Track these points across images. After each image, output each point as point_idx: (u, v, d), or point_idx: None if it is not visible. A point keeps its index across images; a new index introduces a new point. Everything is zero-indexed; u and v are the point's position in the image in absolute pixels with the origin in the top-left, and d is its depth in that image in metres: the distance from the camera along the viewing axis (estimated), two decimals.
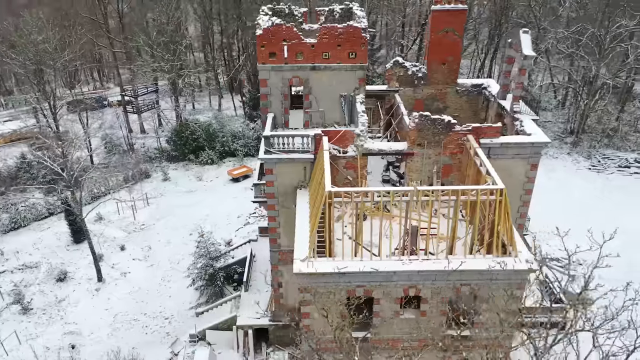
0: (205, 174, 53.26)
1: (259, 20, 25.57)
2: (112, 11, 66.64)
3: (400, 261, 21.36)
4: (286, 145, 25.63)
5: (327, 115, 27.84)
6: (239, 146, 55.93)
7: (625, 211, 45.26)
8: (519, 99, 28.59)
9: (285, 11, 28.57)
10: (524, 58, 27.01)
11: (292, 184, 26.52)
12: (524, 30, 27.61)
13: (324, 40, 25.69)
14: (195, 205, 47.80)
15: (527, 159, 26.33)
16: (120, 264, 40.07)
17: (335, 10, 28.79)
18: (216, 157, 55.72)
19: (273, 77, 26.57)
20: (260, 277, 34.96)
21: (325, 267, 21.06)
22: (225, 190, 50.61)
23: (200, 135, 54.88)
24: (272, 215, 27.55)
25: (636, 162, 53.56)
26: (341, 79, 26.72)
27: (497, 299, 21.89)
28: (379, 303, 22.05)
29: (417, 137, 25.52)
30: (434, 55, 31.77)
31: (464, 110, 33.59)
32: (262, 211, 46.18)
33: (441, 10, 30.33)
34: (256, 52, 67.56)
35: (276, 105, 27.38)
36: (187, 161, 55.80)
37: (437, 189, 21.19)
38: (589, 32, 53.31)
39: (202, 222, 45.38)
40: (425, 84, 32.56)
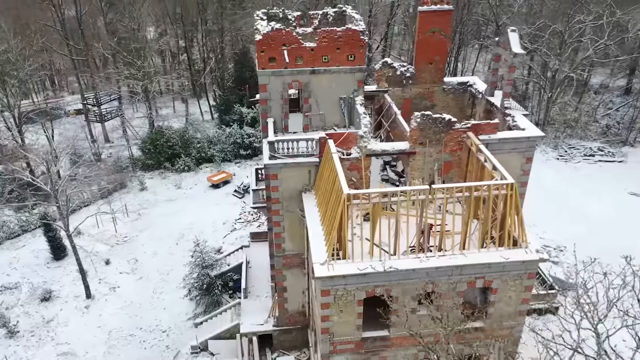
0: (183, 182, 52.29)
1: (257, 26, 25.43)
2: (70, 18, 64.39)
3: (418, 259, 21.83)
4: (291, 150, 25.64)
5: (327, 118, 27.99)
6: (215, 152, 55.21)
7: (593, 198, 47.67)
8: (509, 95, 29.66)
9: (279, 15, 28.53)
10: (514, 56, 28.04)
11: (297, 188, 26.55)
12: (511, 29, 28.64)
13: (324, 44, 25.83)
14: (178, 213, 46.90)
15: (523, 152, 27.36)
16: (108, 279, 38.84)
17: (329, 13, 28.99)
18: (193, 164, 54.79)
19: (273, 82, 26.49)
20: (258, 283, 34.76)
21: (346, 269, 21.25)
22: (206, 197, 49.87)
23: (176, 142, 53.81)
24: (277, 220, 27.47)
25: (599, 150, 56.42)
26: (340, 81, 26.93)
27: (509, 289, 22.80)
28: (397, 301, 22.41)
29: (419, 136, 26.05)
30: (422, 55, 32.48)
31: (450, 108, 34.46)
32: (247, 216, 45.92)
33: (428, 11, 31.06)
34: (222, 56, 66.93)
35: (276, 110, 27.31)
36: (163, 169, 54.59)
37: (451, 187, 21.75)
38: (550, 28, 55.73)
39: (187, 230, 44.62)
40: (413, 84, 33.24)
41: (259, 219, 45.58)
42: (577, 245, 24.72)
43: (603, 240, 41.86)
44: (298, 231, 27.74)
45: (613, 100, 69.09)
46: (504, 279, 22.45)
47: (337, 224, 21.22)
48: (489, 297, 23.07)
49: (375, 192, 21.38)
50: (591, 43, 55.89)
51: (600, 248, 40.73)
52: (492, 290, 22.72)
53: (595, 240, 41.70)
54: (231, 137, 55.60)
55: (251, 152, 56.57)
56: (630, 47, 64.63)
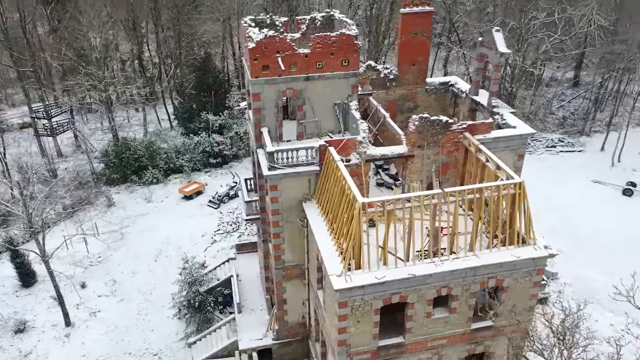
0: (153, 195, 50.24)
1: (249, 33, 24.59)
2: (14, 25, 60.48)
3: (433, 263, 21.78)
4: (290, 160, 24.99)
5: (321, 124, 27.50)
6: (184, 162, 53.42)
7: (560, 188, 49.61)
8: (496, 94, 30.19)
9: (266, 21, 27.78)
10: (500, 55, 28.54)
11: (297, 197, 25.94)
12: (496, 29, 29.13)
13: (318, 50, 25.33)
14: (152, 229, 45.00)
15: (515, 150, 27.92)
16: (86, 303, 36.68)
17: (317, 18, 28.49)
18: (161, 175, 52.78)
19: (267, 91, 25.73)
20: (251, 297, 33.84)
21: (364, 279, 20.91)
22: (179, 209, 48.14)
23: (143, 153, 51.66)
24: (277, 232, 26.72)
25: (560, 141, 58.76)
26: (335, 87, 26.52)
27: (519, 286, 23.15)
28: (413, 307, 22.27)
29: (417, 139, 26.04)
30: (404, 57, 32.55)
31: (432, 108, 34.76)
32: (226, 227, 44.71)
33: (410, 13, 31.10)
34: (180, 62, 64.80)
35: (270, 119, 26.54)
36: (129, 183, 52.27)
37: (463, 189, 21.81)
38: (509, 25, 57.47)
39: (164, 246, 42.93)
40: (397, 85, 33.27)
41: (239, 229, 44.47)
42: (552, 233, 25.11)
43: (575, 227, 43.70)
44: (298, 242, 27.13)
45: (565, 92, 72.23)
46: (514, 277, 22.79)
47: (353, 234, 20.81)
48: (500, 295, 23.33)
49: (390, 199, 21.12)
50: (547, 38, 58.07)
51: (573, 234, 42.80)
52: (503, 288, 22.98)
53: (568, 228, 43.53)
54: (200, 145, 53.96)
55: (221, 160, 55.15)
56: (579, 41, 67.73)
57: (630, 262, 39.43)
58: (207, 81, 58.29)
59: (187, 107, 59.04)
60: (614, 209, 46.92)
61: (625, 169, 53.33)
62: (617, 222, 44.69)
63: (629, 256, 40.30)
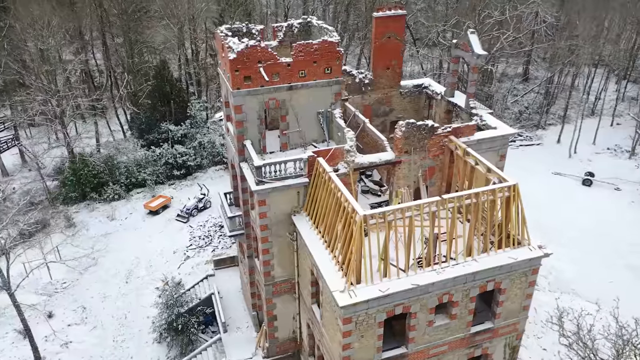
0: (116, 212, 47.84)
1: (229, 44, 23.55)
2: None
3: (434, 271, 21.55)
4: (278, 173, 24.13)
5: (305, 134, 26.79)
6: (147, 175, 51.20)
7: (524, 182, 50.68)
8: (473, 96, 30.44)
9: (242, 30, 26.76)
10: (477, 57, 28.78)
11: (286, 211, 25.12)
12: (470, 30, 29.35)
13: (300, 58, 24.61)
14: (119, 248, 42.80)
15: (497, 150, 28.21)
16: (56, 334, 34.30)
17: (294, 25, 27.71)
18: (123, 191, 50.36)
19: (249, 102, 24.76)
20: (235, 314, 32.71)
21: (368, 293, 20.40)
22: (146, 226, 46.06)
23: (102, 169, 49.12)
24: (266, 247, 25.78)
25: (519, 135, 60.50)
26: (318, 95, 25.90)
27: (515, 287, 23.32)
28: (415, 316, 21.97)
29: (404, 145, 25.79)
30: (379, 61, 32.39)
31: (407, 111, 34.79)
32: (199, 242, 43.16)
33: (383, 17, 30.96)
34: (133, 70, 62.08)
35: (252, 131, 25.58)
36: (89, 200, 49.52)
37: (461, 195, 21.67)
38: (466, 24, 58.57)
39: (134, 266, 40.90)
40: (372, 90, 33.04)
41: (211, 243, 43.01)
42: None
43: (541, 219, 44.81)
44: (287, 256, 26.32)
45: (517, 87, 74.54)
46: (511, 278, 22.90)
47: (354, 248, 20.24)
48: (498, 297, 23.42)
49: (390, 210, 20.69)
50: (502, 36, 59.63)
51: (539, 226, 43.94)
52: (501, 290, 23.07)
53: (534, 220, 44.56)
54: (162, 157, 51.89)
55: (185, 172, 53.27)
56: (529, 37, 70.10)
57: (597, 251, 41.15)
58: (164, 90, 56.12)
59: (144, 118, 56.63)
60: (576, 199, 48.65)
61: (582, 160, 55.53)
62: (579, 212, 46.34)
63: (595, 245, 41.91)
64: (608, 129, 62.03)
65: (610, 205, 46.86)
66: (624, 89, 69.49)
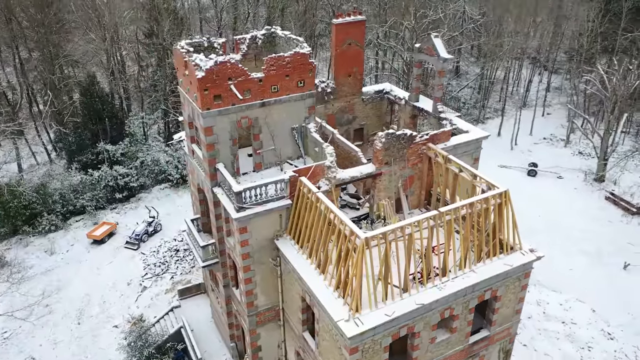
0: (55, 245, 43.48)
1: (196, 61, 21.51)
2: None
3: (435, 287, 20.85)
4: (259, 196, 22.43)
5: (278, 151, 25.24)
6: (85, 201, 47.08)
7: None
8: (440, 100, 30.19)
9: (204, 44, 24.70)
10: (443, 61, 28.50)
11: (268, 236, 23.48)
12: (434, 34, 29.04)
13: (272, 72, 23.03)
14: (65, 286, 38.85)
15: (472, 154, 28.13)
16: None
17: (258, 36, 25.98)
18: (60, 221, 45.94)
19: (220, 123, 22.83)
20: (210, 347, 30.52)
21: (375, 319, 19.31)
22: (92, 257, 42.21)
23: (35, 199, 44.53)
24: (248, 277, 23.97)
25: None
26: (291, 110, 24.44)
27: (509, 292, 23.16)
28: (418, 336, 21.16)
29: (385, 156, 24.95)
30: (340, 69, 31.48)
31: (369, 118, 34.15)
32: (155, 269, 40.20)
33: (343, 24, 30.06)
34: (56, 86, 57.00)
35: (225, 153, 23.65)
36: (21, 234, 44.73)
37: (457, 207, 21.07)
38: (404, 25, 59.13)
39: (84, 304, 37.22)
40: (335, 98, 32.07)
41: (168, 270, 40.14)
42: None
43: None
44: (271, 282, 24.67)
45: (450, 83, 76.48)
46: (506, 285, 22.69)
47: (356, 273, 19.06)
48: (494, 305, 23.15)
49: (389, 230, 19.68)
50: (439, 34, 60.59)
51: None
52: (497, 298, 22.80)
53: None
54: (101, 180, 47.95)
55: (128, 194, 49.59)
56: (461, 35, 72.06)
57: (552, 241, 42.51)
58: (94, 106, 51.96)
59: (74, 138, 52.13)
60: (524, 190, 50.08)
61: (523, 151, 57.71)
62: (529, 203, 47.64)
63: (548, 235, 43.27)
64: (540, 119, 64.95)
65: (557, 194, 48.85)
66: (548, 80, 73.22)
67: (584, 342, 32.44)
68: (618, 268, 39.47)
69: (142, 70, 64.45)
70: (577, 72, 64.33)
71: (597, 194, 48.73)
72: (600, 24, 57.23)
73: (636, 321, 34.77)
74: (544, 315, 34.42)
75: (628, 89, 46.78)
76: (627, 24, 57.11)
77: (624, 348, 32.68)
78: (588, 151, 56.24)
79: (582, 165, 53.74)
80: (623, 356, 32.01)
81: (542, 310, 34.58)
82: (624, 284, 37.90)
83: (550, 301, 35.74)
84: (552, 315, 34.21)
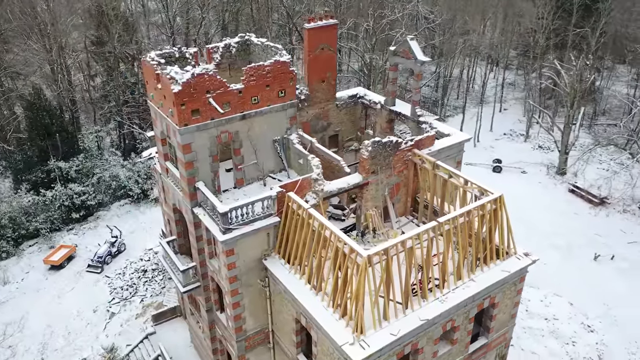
0: (8, 273, 40.12)
1: (171, 74, 19.86)
2: None
3: (437, 300, 20.15)
4: (246, 216, 21.03)
5: (260, 165, 23.89)
6: (39, 223, 43.83)
7: None
8: (418, 103, 29.62)
9: (175, 55, 23.00)
10: (421, 64, 27.91)
11: (256, 256, 22.11)
12: (410, 37, 28.40)
13: (252, 83, 21.69)
14: (23, 318, 35.79)
15: (454, 157, 27.70)
16: None
17: (232, 45, 24.48)
18: (11, 247, 42.57)
19: (199, 139, 21.26)
20: None
21: (381, 340, 18.38)
22: (51, 284, 39.25)
23: None
24: (236, 300, 22.50)
25: None
26: (273, 122, 23.19)
27: (506, 298, 22.81)
28: (422, 352, 20.41)
29: (371, 165, 24.06)
30: (314, 74, 30.31)
31: (344, 123, 33.25)
32: (122, 293, 37.79)
33: (315, 28, 28.90)
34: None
35: (204, 171, 22.08)
36: None
37: (455, 216, 20.41)
38: (363, 25, 58.68)
39: (47, 338, 34.47)
40: (309, 105, 30.88)
41: (137, 293, 37.81)
42: None
43: None
44: (260, 304, 23.30)
45: (409, 82, 76.89)
46: (503, 291, 22.32)
47: (359, 293, 18.04)
48: (492, 312, 22.72)
49: (391, 245, 18.77)
50: (398, 34, 60.67)
51: None
52: (495, 305, 22.38)
53: None
54: (56, 200, 44.79)
55: (86, 213, 46.60)
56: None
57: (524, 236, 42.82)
58: (42, 121, 48.56)
59: (23, 156, 48.58)
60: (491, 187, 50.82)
61: (486, 148, 58.51)
62: None
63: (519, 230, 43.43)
64: (498, 115, 66.17)
65: (523, 189, 49.62)
66: (502, 77, 74.86)
67: (567, 338, 32.81)
68: (589, 260, 40.39)
69: (91, 80, 61.07)
70: (532, 68, 65.91)
71: (561, 187, 49.90)
72: (552, 21, 58.74)
73: (611, 311, 35.56)
74: (527, 312, 34.59)
75: (585, 84, 48.07)
76: (578, 19, 58.89)
77: (604, 339, 33.28)
78: (547, 145, 57.68)
79: (543, 159, 55.02)
80: (604, 347, 32.57)
81: (525, 308, 34.73)
82: (596, 275, 38.78)
83: (531, 298, 36.00)
84: (534, 312, 34.44)
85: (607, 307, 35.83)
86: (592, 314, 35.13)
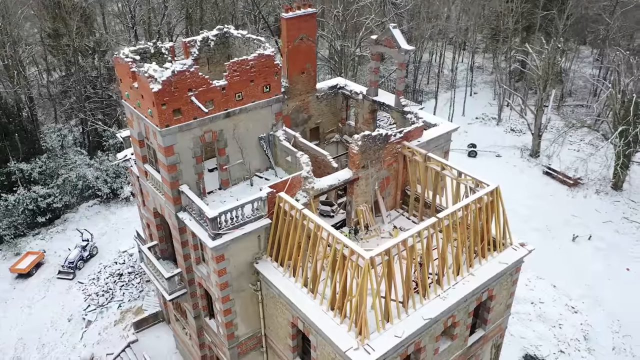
0: None
1: (150, 72, 18.43)
2: None
3: (439, 297, 19.66)
4: (236, 219, 19.95)
5: (246, 164, 22.75)
6: (2, 229, 41.36)
7: None
8: (402, 93, 28.91)
9: (150, 50, 21.48)
10: (405, 53, 27.15)
11: (247, 260, 21.11)
12: (393, 26, 27.54)
13: (236, 79, 20.46)
14: None
15: (442, 147, 27.18)
16: None
17: (210, 38, 23.04)
18: None
19: (181, 140, 19.96)
20: None
21: (385, 343, 17.79)
22: (19, 294, 37.12)
23: None
24: (228, 307, 21.48)
25: None
26: (258, 118, 22.05)
27: (503, 289, 22.59)
28: (424, 350, 19.95)
29: (362, 160, 23.28)
30: (294, 66, 29.21)
31: (325, 115, 32.34)
32: (97, 300, 36.08)
33: (293, 17, 27.74)
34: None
35: (188, 173, 20.82)
36: None
37: (454, 210, 19.86)
38: (333, 12, 57.44)
39: (20, 351, 32.58)
40: (289, 98, 29.79)
41: (113, 298, 36.14)
42: None
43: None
44: (252, 309, 22.36)
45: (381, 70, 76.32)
46: (500, 282, 22.06)
47: (362, 296, 17.33)
48: (489, 304, 22.46)
49: (393, 244, 18.07)
50: (368, 21, 59.77)
51: None
52: (492, 297, 22.11)
53: None
54: (19, 204, 42.32)
55: (52, 216, 44.26)
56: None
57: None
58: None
59: None
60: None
61: (460, 132, 58.27)
62: None
63: None
64: (469, 99, 66.40)
65: (499, 173, 49.73)
66: (472, 61, 75.11)
67: (554, 320, 33.15)
68: (567, 240, 40.98)
69: (49, 76, 57.88)
70: (501, 52, 66.19)
71: (536, 169, 50.45)
72: (520, 4, 58.94)
73: (592, 291, 36.18)
74: (514, 298, 34.72)
75: (557, 67, 48.42)
76: (545, 2, 59.29)
77: (588, 319, 33.81)
78: (520, 128, 58.20)
79: (516, 142, 55.49)
80: (590, 328, 33.08)
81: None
82: (575, 256, 39.38)
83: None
84: (520, 297, 34.62)
85: (588, 287, 36.43)
86: (575, 295, 35.65)
